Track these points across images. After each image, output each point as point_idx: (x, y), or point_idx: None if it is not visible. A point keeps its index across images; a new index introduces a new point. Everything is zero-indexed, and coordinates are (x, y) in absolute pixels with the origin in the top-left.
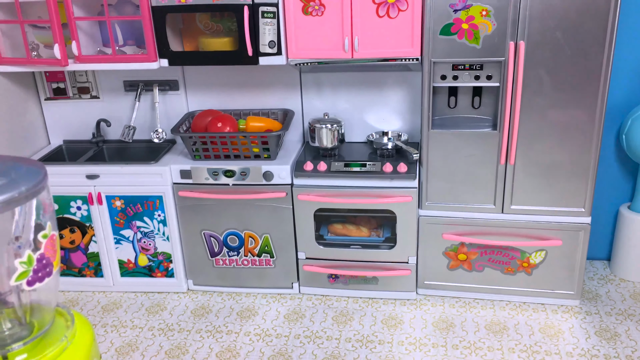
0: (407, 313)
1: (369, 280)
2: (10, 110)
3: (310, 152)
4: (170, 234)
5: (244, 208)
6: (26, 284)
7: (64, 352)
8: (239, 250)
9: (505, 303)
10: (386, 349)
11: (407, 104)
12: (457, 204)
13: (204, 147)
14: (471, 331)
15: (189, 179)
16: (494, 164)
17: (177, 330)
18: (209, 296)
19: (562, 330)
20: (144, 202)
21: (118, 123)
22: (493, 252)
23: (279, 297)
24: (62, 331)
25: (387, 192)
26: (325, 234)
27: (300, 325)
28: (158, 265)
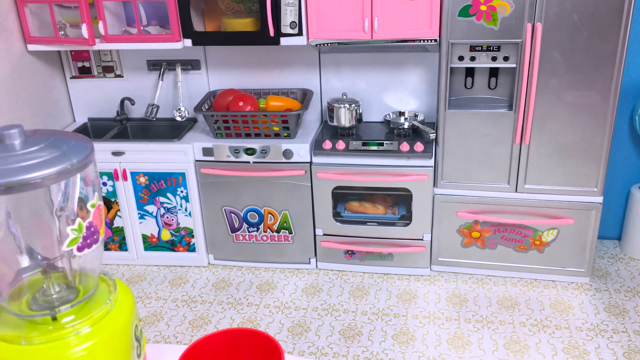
0: (421, 288)
1: (385, 257)
2: (38, 87)
3: (329, 131)
4: (192, 210)
5: (263, 185)
6: (76, 249)
7: (108, 315)
8: (258, 226)
9: (517, 280)
10: (401, 321)
11: (424, 85)
12: (472, 183)
13: (226, 125)
14: (483, 306)
15: (211, 156)
16: (509, 143)
17: (200, 302)
18: (229, 270)
19: (572, 305)
20: (167, 179)
21: (141, 101)
22: (506, 230)
23: (297, 271)
24: (105, 296)
25: (403, 171)
26: (342, 211)
27: (318, 298)
28: (180, 240)
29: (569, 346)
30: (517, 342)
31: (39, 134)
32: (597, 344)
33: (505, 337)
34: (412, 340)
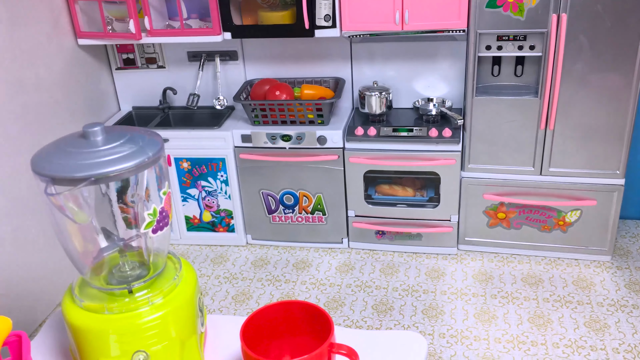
0: (448, 266)
1: (414, 237)
2: (87, 79)
3: (360, 118)
4: (231, 193)
5: (299, 169)
6: (152, 232)
7: (177, 288)
8: (293, 208)
9: (541, 258)
10: (430, 297)
11: (452, 72)
12: (498, 166)
13: (263, 113)
14: (508, 283)
15: (249, 142)
16: (534, 128)
17: (240, 278)
18: (267, 249)
19: (593, 282)
20: (208, 164)
21: (182, 91)
22: (531, 211)
23: (330, 251)
24: (172, 272)
25: (432, 155)
26: (373, 193)
27: (351, 276)
28: (220, 221)
29: (590, 320)
30: (541, 316)
31: (117, 130)
32: (617, 319)
33: (529, 312)
34: (441, 314)
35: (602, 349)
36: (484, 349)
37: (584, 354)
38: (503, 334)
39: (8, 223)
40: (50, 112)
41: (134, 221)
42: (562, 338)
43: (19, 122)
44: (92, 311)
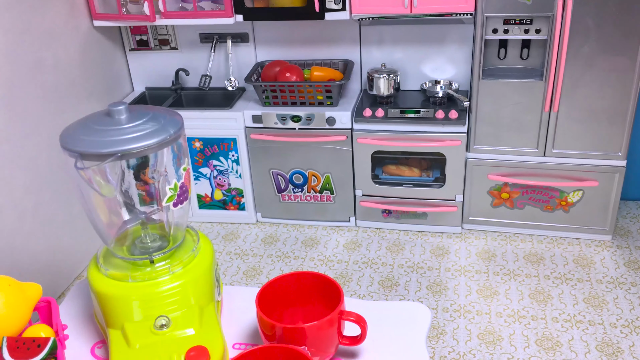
0: (453, 245)
1: (419, 216)
2: (102, 60)
3: (368, 99)
4: (242, 172)
5: (308, 150)
6: (172, 205)
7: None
8: (303, 187)
9: (543, 237)
10: (434, 274)
11: (459, 55)
12: (503, 148)
13: (274, 94)
14: (511, 261)
15: (260, 123)
16: (539, 111)
17: (251, 255)
18: (276, 227)
19: (594, 261)
20: (220, 144)
21: (194, 72)
22: (534, 191)
23: (338, 229)
24: (191, 245)
25: (438, 137)
26: (380, 173)
27: (358, 253)
28: (231, 200)
29: (589, 296)
30: (541, 292)
31: (139, 109)
32: (616, 295)
33: (530, 288)
34: (445, 290)
35: (599, 324)
36: (486, 323)
37: (582, 328)
38: (504, 308)
39: (29, 199)
40: (67, 92)
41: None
42: (562, 313)
43: (38, 102)
44: (116, 279)
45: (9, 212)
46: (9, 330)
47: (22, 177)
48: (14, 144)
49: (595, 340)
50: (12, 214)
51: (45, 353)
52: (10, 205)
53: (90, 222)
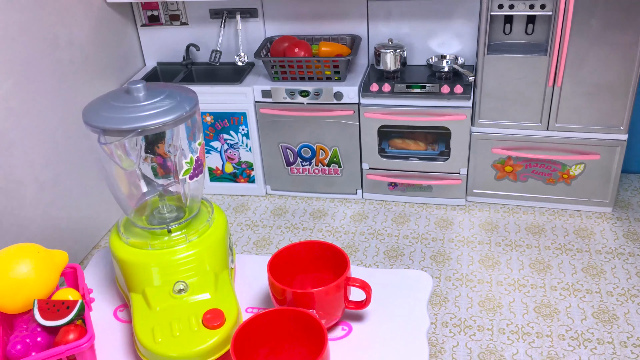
0: (457, 216)
1: (424, 188)
2: (114, 36)
3: (375, 74)
4: (252, 146)
5: (316, 124)
6: (189, 178)
7: (210, 229)
8: (311, 160)
9: (545, 209)
10: (438, 244)
11: (465, 30)
12: (507, 122)
13: (282, 70)
14: (513, 232)
15: (269, 98)
16: (543, 85)
17: (261, 226)
18: (285, 199)
19: (593, 232)
20: (230, 118)
21: (204, 47)
22: (537, 164)
23: (345, 201)
24: (206, 216)
25: (443, 111)
26: (386, 147)
27: (364, 224)
28: (241, 173)
29: (587, 266)
30: (541, 262)
31: (156, 87)
32: (614, 265)
33: (531, 258)
34: (448, 260)
35: (597, 292)
36: (487, 291)
37: (579, 296)
38: (505, 277)
39: (48, 171)
40: (81, 68)
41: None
42: (560, 282)
43: (55, 77)
44: (136, 247)
45: (30, 185)
46: (39, 294)
47: (42, 151)
48: (32, 119)
49: (592, 308)
50: (33, 186)
51: (73, 314)
52: (31, 177)
53: (112, 193)
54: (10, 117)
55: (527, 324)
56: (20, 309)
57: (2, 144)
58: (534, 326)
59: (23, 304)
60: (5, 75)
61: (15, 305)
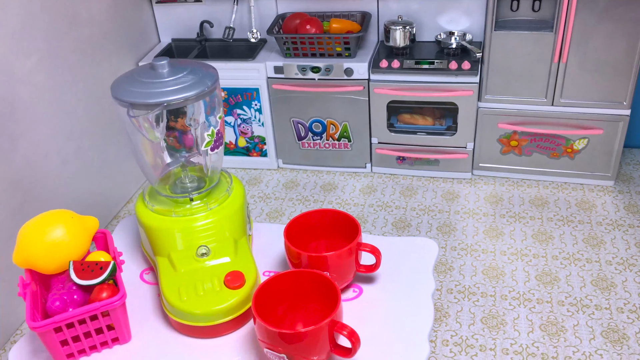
0: (463, 189)
1: (431, 162)
2: (131, 12)
3: (385, 51)
4: (264, 121)
5: (327, 99)
6: (210, 149)
7: (229, 198)
8: (321, 135)
9: (549, 183)
10: (444, 216)
11: (474, 7)
12: (513, 97)
13: (294, 46)
14: (517, 204)
15: (281, 74)
16: (548, 62)
17: (274, 198)
18: (296, 173)
19: (595, 205)
20: (244, 93)
21: (218, 24)
22: (541, 139)
23: (354, 174)
24: (225, 185)
25: (451, 87)
26: (395, 122)
27: (373, 197)
28: (254, 147)
29: (588, 237)
30: (544, 233)
31: (179, 64)
32: (614, 236)
33: (534, 230)
34: (454, 231)
35: (596, 262)
36: (490, 260)
37: (579, 265)
38: (508, 247)
39: (71, 144)
40: (100, 44)
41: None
42: (561, 252)
43: (76, 54)
44: (161, 214)
45: (54, 157)
46: (73, 256)
47: (64, 125)
48: (55, 94)
49: (591, 276)
50: (56, 159)
51: (107, 274)
52: (54, 150)
53: (137, 163)
54: (35, 92)
55: (529, 291)
56: (56, 270)
57: (28, 118)
58: (535, 293)
59: (58, 266)
60: (30, 52)
61: (52, 266)
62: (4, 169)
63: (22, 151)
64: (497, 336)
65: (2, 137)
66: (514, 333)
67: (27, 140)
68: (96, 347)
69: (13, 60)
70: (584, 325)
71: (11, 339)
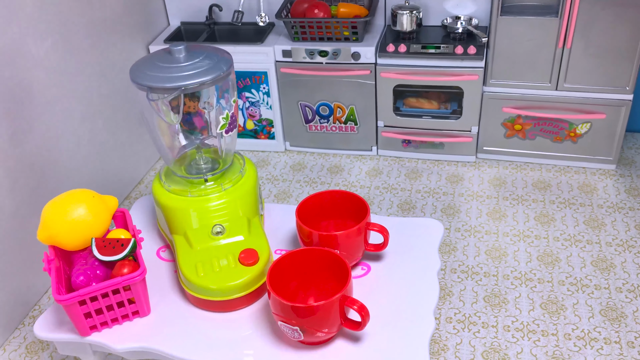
0: (467, 172)
1: (437, 145)
2: None
3: (392, 35)
4: (272, 104)
5: (334, 83)
6: (224, 132)
7: (242, 179)
8: (328, 118)
9: (552, 166)
10: (449, 198)
11: None
12: (517, 82)
13: (302, 30)
14: (520, 187)
15: (289, 57)
16: (553, 47)
17: (281, 180)
18: (303, 155)
19: (597, 188)
20: (252, 77)
21: (227, 7)
22: (545, 123)
23: (361, 157)
24: (238, 167)
25: (457, 71)
26: (401, 106)
27: (379, 179)
28: (262, 129)
29: (589, 219)
30: (546, 215)
31: (195, 49)
32: (614, 218)
33: (536, 212)
34: (458, 213)
35: (597, 243)
36: (493, 241)
37: (580, 246)
38: (511, 229)
39: (85, 127)
40: (112, 27)
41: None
42: (563, 233)
43: (89, 37)
44: (177, 194)
45: (69, 139)
46: (95, 234)
47: (78, 107)
48: (70, 77)
49: (591, 257)
50: (71, 140)
51: (127, 250)
52: (69, 132)
53: (155, 145)
54: (50, 75)
55: (530, 271)
56: (79, 247)
57: (44, 100)
58: (536, 273)
59: (81, 243)
60: (45, 35)
61: (75, 243)
62: (21, 150)
63: (37, 133)
64: (498, 314)
65: (18, 119)
66: (515, 311)
67: (43, 122)
68: (117, 320)
69: (29, 43)
70: (583, 304)
71: (30, 314)
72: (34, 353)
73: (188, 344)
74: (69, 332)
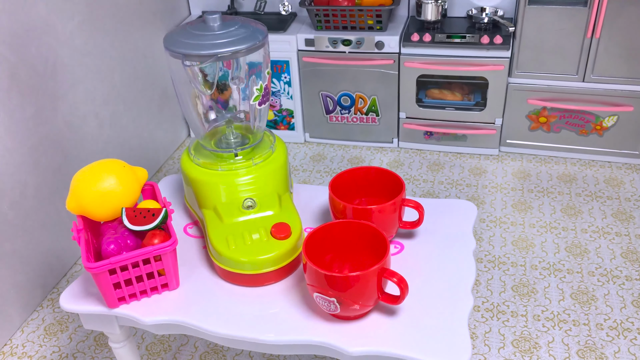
0: (490, 165)
1: (459, 138)
2: None
3: (416, 25)
4: (293, 94)
5: (356, 73)
6: (258, 104)
7: (272, 155)
8: (350, 109)
9: (577, 160)
10: (472, 190)
11: None
12: (544, 73)
13: (326, 19)
14: (545, 180)
15: (312, 46)
16: (581, 37)
17: (301, 170)
18: (323, 146)
19: (623, 182)
20: (273, 66)
21: None
22: (571, 115)
23: (381, 149)
24: (268, 144)
25: (482, 62)
26: (423, 97)
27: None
28: (282, 120)
29: (617, 212)
30: (572, 207)
31: (229, 19)
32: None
33: (562, 204)
34: (482, 204)
35: (625, 235)
36: (519, 232)
37: (609, 238)
38: (537, 220)
39: (107, 109)
40: (135, 12)
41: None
42: (591, 225)
43: (113, 20)
44: (207, 168)
45: (92, 120)
46: (125, 204)
47: (101, 90)
48: (93, 59)
49: (621, 249)
50: (93, 122)
51: (159, 220)
52: (92, 114)
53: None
54: (74, 55)
55: (559, 262)
56: (108, 217)
57: (69, 80)
58: (565, 264)
59: (110, 213)
60: (71, 14)
61: (104, 213)
62: (46, 128)
63: (62, 112)
64: (527, 303)
65: (44, 97)
66: (544, 301)
67: (67, 101)
68: (146, 292)
69: (56, 21)
70: (614, 295)
71: (48, 296)
72: (52, 335)
73: (218, 318)
74: (96, 304)
